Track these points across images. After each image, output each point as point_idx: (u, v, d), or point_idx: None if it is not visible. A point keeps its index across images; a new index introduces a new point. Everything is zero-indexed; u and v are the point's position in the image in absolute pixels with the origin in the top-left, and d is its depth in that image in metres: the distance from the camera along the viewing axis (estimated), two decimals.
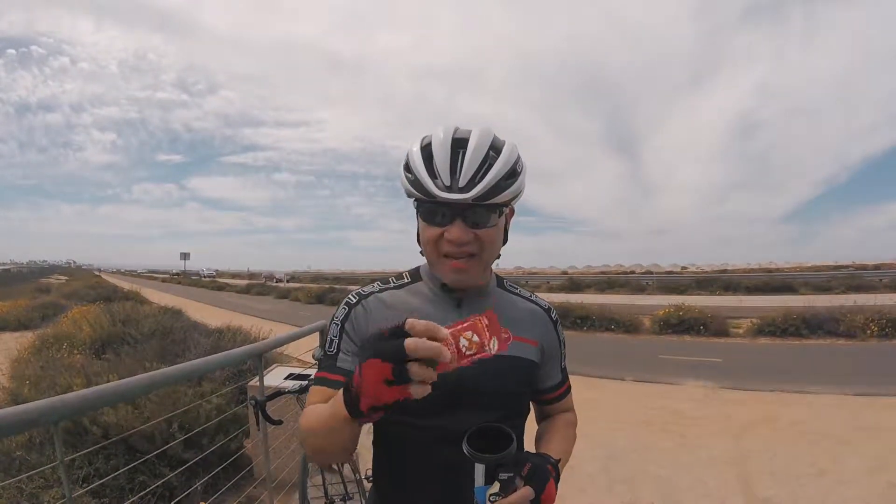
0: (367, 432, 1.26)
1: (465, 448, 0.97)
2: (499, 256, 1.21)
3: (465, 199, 1.06)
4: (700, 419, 6.54)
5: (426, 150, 1.10)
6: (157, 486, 3.15)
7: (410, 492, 1.18)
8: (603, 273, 67.48)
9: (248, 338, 7.99)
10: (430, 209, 1.11)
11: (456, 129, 1.12)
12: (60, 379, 5.21)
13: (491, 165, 1.08)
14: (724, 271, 50.26)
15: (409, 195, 1.15)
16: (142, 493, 3.15)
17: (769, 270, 51.44)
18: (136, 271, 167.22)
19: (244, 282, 59.83)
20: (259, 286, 46.27)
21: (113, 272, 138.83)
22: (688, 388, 8.34)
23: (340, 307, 1.23)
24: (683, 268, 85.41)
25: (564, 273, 72.07)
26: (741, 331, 14.16)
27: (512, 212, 1.22)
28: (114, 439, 3.45)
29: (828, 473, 4.62)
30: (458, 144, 1.08)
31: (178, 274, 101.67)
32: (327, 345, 1.21)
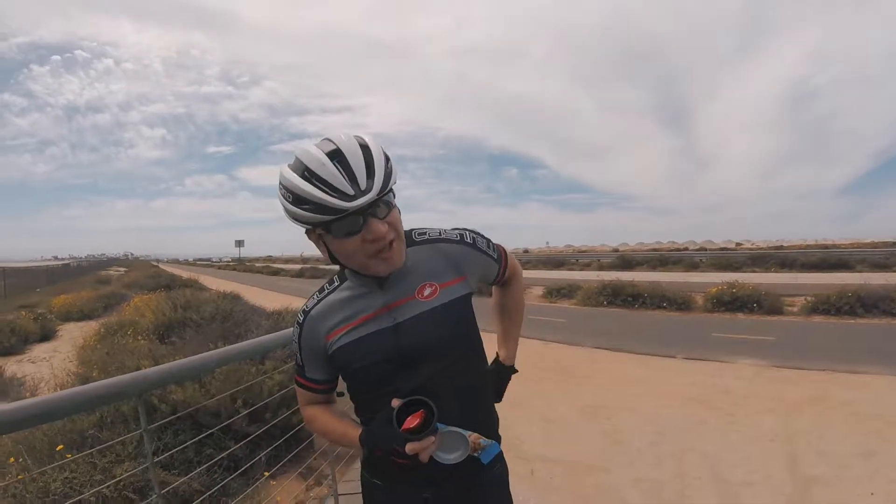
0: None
1: (395, 428, 1.19)
2: None
3: (372, 198, 1.15)
4: (749, 397, 6.56)
5: (308, 175, 1.15)
6: (223, 458, 3.37)
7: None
8: (655, 250, 66.51)
9: None
10: (342, 224, 1.18)
11: (319, 146, 1.18)
12: (129, 362, 5.39)
13: (371, 160, 1.17)
14: (780, 248, 49.04)
15: (313, 224, 1.20)
16: (209, 464, 3.36)
17: (825, 247, 50.01)
18: (188, 259, 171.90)
19: (297, 266, 60.95)
20: (312, 270, 47.01)
21: (170, 262, 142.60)
22: (739, 366, 8.31)
23: (294, 327, 1.45)
24: (738, 244, 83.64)
25: (616, 251, 71.19)
26: (795, 309, 13.86)
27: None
28: (180, 414, 3.60)
29: (876, 454, 4.61)
30: (335, 156, 1.15)
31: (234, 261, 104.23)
32: (296, 357, 1.47)
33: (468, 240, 1.45)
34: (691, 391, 6.94)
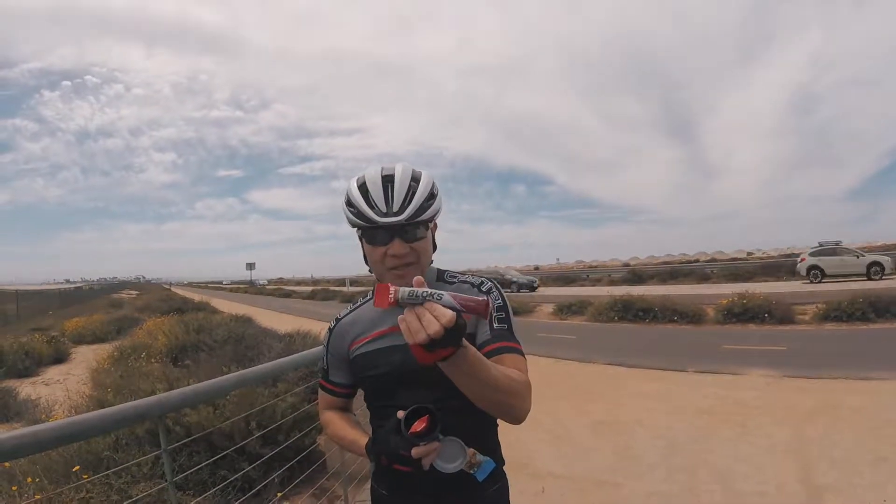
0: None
1: (404, 435, 1.24)
2: (432, 261, 1.49)
3: (399, 221, 1.32)
4: (761, 408, 6.55)
5: (363, 188, 1.36)
6: (237, 479, 3.44)
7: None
8: (666, 263, 66.26)
9: (318, 340, 8.30)
10: (372, 233, 1.36)
11: (383, 168, 1.38)
12: (143, 384, 5.39)
13: (414, 192, 1.35)
14: (791, 255, 48.82)
15: (354, 225, 1.40)
16: (223, 486, 3.37)
17: None
18: (199, 283, 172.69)
19: (309, 288, 61.20)
20: (323, 292, 47.16)
21: (183, 285, 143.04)
22: (750, 377, 8.30)
23: (326, 332, 1.61)
24: (749, 253, 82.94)
25: (626, 265, 71.04)
26: (807, 317, 13.78)
27: (435, 226, 1.49)
28: (196, 436, 3.67)
29: (888, 460, 4.60)
30: (387, 180, 1.35)
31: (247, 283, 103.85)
32: (322, 360, 1.62)
33: (484, 287, 1.50)
34: (703, 404, 6.93)
